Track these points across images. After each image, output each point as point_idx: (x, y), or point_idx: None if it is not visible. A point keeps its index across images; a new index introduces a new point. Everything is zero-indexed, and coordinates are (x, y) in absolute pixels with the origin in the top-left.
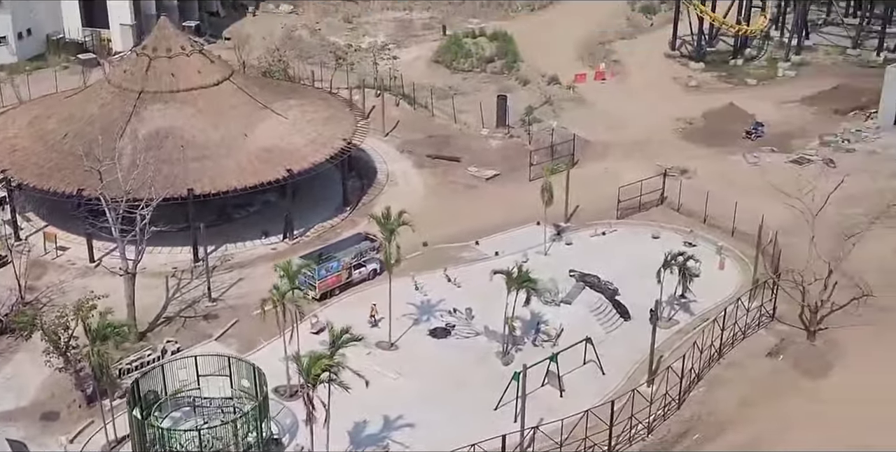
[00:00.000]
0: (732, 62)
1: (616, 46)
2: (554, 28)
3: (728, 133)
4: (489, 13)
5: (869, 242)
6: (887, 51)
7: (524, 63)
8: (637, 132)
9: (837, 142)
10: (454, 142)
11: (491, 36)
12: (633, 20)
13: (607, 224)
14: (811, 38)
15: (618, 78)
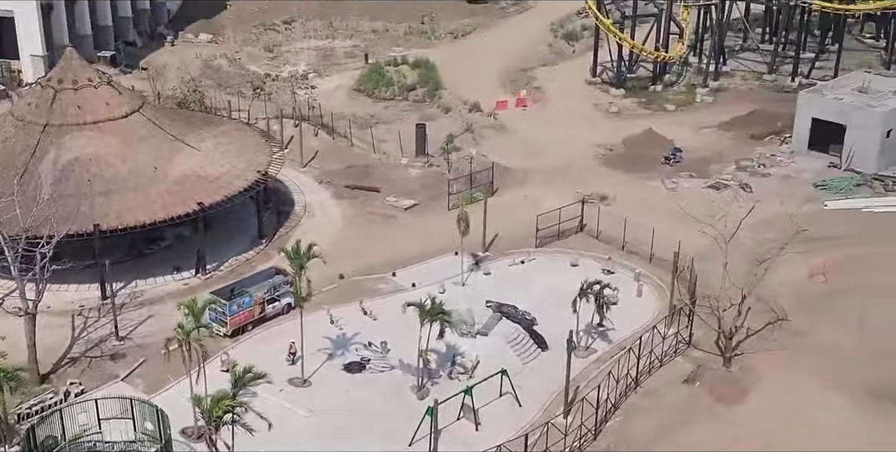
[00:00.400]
0: (652, 88)
1: (538, 73)
2: (477, 55)
3: (647, 159)
4: (412, 41)
5: (783, 267)
6: (802, 76)
7: (446, 90)
8: (557, 159)
9: (753, 166)
10: (373, 171)
11: (413, 64)
12: (556, 47)
13: (526, 252)
14: (729, 63)
15: (539, 104)
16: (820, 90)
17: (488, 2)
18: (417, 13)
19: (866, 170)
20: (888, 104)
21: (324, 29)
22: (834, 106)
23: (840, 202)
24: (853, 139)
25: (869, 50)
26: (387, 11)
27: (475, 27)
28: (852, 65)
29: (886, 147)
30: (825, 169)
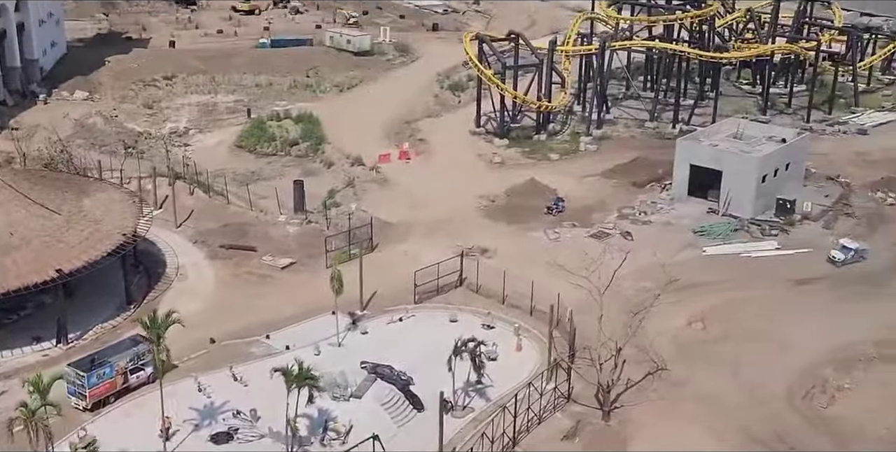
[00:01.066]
0: (536, 137)
1: (422, 125)
2: (362, 108)
3: (530, 209)
4: (297, 95)
5: (662, 315)
6: (682, 123)
7: (329, 145)
8: (439, 211)
9: (635, 214)
10: (251, 230)
11: (296, 118)
12: (441, 98)
13: (404, 309)
14: (612, 111)
15: (423, 156)
16: (697, 137)
17: (374, 54)
18: (302, 67)
19: (743, 215)
20: (762, 150)
21: (206, 84)
22: (710, 153)
23: (718, 247)
24: (730, 185)
25: (746, 96)
26: (271, 65)
27: (361, 79)
28: (730, 110)
29: (761, 192)
30: (704, 214)
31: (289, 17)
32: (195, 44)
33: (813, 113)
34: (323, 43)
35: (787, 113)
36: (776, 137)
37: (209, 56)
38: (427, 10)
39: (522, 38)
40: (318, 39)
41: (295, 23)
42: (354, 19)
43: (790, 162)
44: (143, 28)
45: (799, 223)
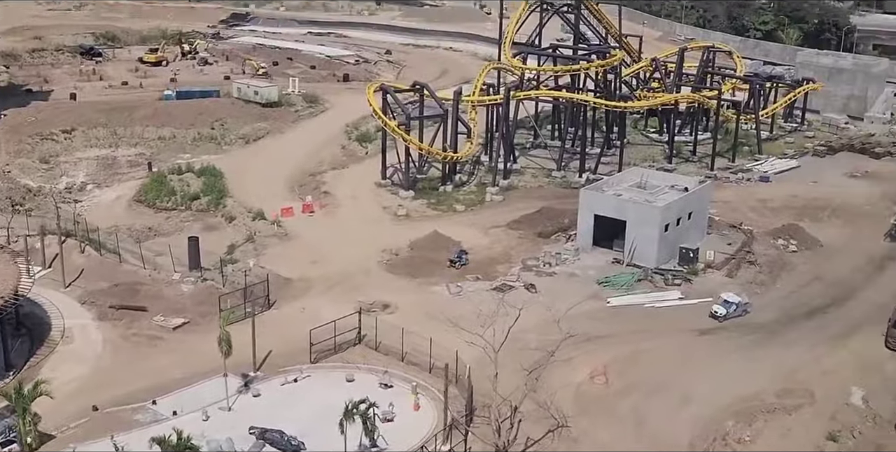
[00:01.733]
0: (442, 188)
1: (328, 177)
2: (267, 160)
3: (433, 262)
4: (201, 147)
5: (565, 369)
6: (589, 172)
7: (232, 198)
8: (341, 266)
9: (539, 266)
10: (143, 289)
11: (199, 171)
12: (349, 149)
13: (299, 370)
14: (520, 161)
15: (327, 210)
16: (600, 187)
17: (282, 105)
18: (207, 119)
19: (648, 265)
20: (665, 199)
21: (107, 137)
22: (613, 202)
23: (622, 298)
24: (634, 234)
25: (653, 144)
26: (175, 117)
27: (268, 131)
28: (638, 159)
29: (665, 241)
30: (609, 264)
31: (197, 68)
32: (98, 96)
33: (717, 161)
34: (231, 94)
35: (693, 161)
36: (679, 186)
37: (111, 108)
38: (339, 61)
39: (427, 88)
40: (225, 91)
41: (203, 74)
42: (264, 70)
43: (693, 210)
44: (44, 80)
45: (702, 272)
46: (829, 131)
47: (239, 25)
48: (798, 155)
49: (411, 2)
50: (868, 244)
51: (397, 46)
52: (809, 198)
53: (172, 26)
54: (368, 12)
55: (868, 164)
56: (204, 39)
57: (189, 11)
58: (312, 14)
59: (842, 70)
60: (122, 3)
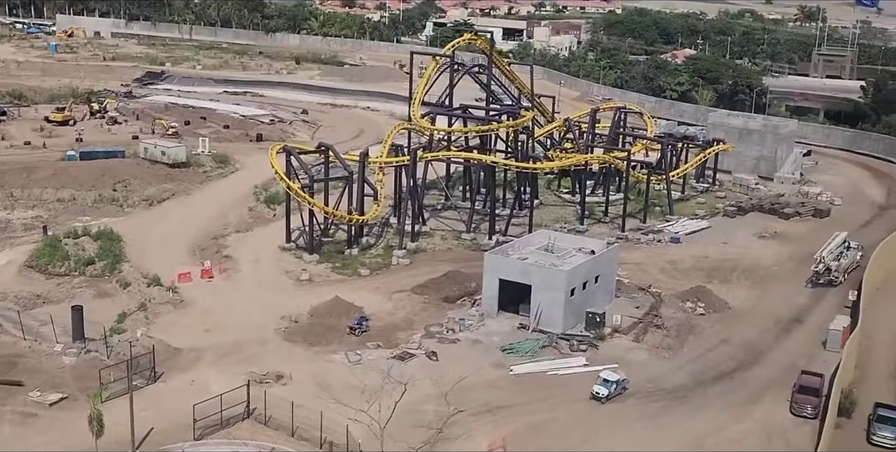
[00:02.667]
0: (348, 252)
1: (231, 240)
2: (170, 223)
3: (333, 330)
4: (102, 210)
5: (463, 440)
6: (499, 234)
7: (129, 263)
8: (236, 335)
9: (442, 332)
10: (21, 361)
11: (96, 235)
12: (256, 211)
13: (180, 448)
14: (430, 223)
15: (227, 275)
16: (505, 250)
17: (190, 166)
18: (110, 180)
19: (554, 330)
20: (571, 262)
21: (2, 199)
22: (518, 266)
23: (526, 366)
24: (539, 299)
25: (566, 204)
26: (76, 179)
27: (174, 193)
28: (550, 220)
29: (571, 305)
30: (515, 330)
31: (105, 128)
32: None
33: (629, 221)
34: (138, 154)
35: (605, 222)
36: (586, 249)
37: (7, 170)
38: (253, 121)
39: (332, 149)
40: (133, 151)
41: (111, 134)
42: (174, 130)
43: (600, 273)
44: None
45: (609, 337)
46: (740, 191)
47: (153, 84)
48: (709, 215)
49: (331, 61)
50: (776, 306)
51: (315, 106)
52: (719, 260)
53: (84, 85)
54: (287, 71)
55: (777, 225)
56: (115, 98)
57: (104, 69)
58: (230, 73)
59: (752, 131)
60: (33, 60)
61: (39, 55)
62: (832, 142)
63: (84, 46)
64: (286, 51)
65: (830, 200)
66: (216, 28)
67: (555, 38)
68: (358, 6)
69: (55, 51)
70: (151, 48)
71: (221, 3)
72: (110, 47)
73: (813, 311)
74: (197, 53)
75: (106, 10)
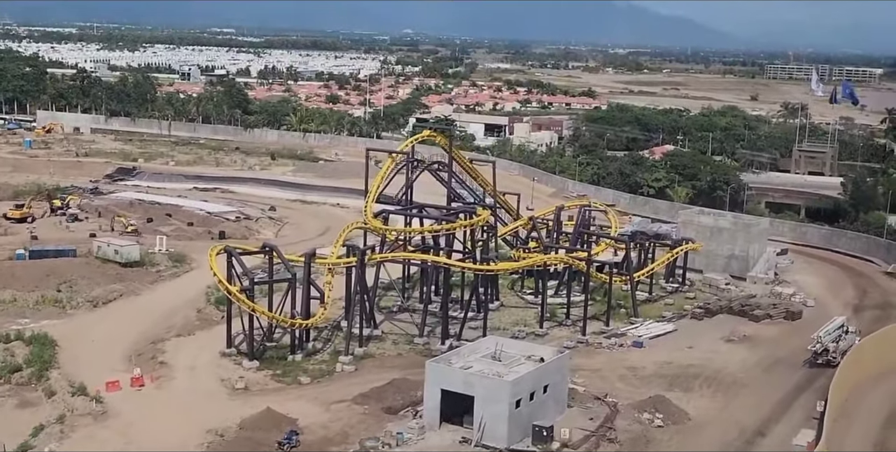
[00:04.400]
0: (291, 358)
1: (171, 345)
2: (112, 325)
3: (261, 445)
4: (43, 311)
5: None
6: (453, 338)
7: (58, 370)
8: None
9: (378, 447)
10: None
11: (28, 339)
12: (205, 313)
13: None
14: (383, 326)
15: (159, 383)
16: (448, 358)
17: (144, 265)
18: (55, 280)
19: (498, 445)
20: (518, 371)
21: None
22: (460, 376)
23: None
24: (483, 410)
25: (528, 306)
26: (19, 279)
27: (122, 293)
28: (508, 323)
29: (517, 418)
30: (457, 444)
31: (64, 225)
32: None
33: (593, 324)
34: (91, 253)
35: (566, 325)
36: (535, 356)
37: None
38: (218, 218)
39: (276, 250)
40: (87, 249)
41: (70, 231)
42: (133, 227)
43: (549, 383)
44: None
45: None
46: (710, 292)
47: (124, 180)
48: (676, 317)
49: (307, 157)
50: (739, 416)
51: (284, 202)
52: (683, 366)
53: (52, 181)
54: (261, 167)
55: (746, 328)
56: (80, 194)
57: (74, 165)
58: (202, 169)
59: (722, 229)
60: (4, 156)
61: (12, 151)
62: (809, 239)
63: (59, 142)
64: (264, 146)
65: (803, 301)
66: (195, 124)
67: (535, 134)
68: (342, 102)
69: (29, 147)
70: (127, 144)
71: (204, 99)
72: (85, 143)
73: (779, 422)
74: (173, 149)
75: (88, 106)
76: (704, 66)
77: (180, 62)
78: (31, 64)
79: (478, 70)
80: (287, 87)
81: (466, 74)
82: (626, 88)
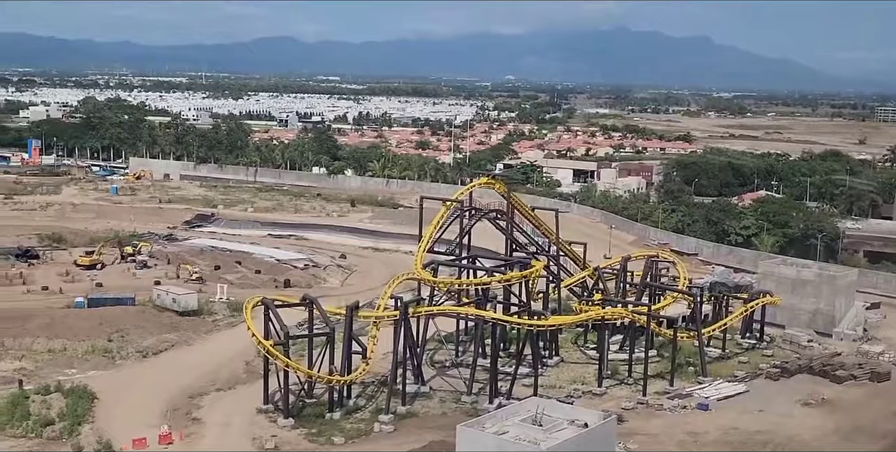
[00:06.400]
0: (329, 416)
1: (209, 399)
2: (158, 377)
3: None
4: (92, 361)
5: None
6: (502, 396)
7: (91, 425)
8: None
9: None
10: None
11: (67, 391)
12: (253, 365)
13: None
14: (434, 382)
15: (188, 440)
16: (482, 422)
17: (202, 314)
18: (107, 329)
19: None
20: (557, 437)
21: None
22: (493, 442)
23: None
24: None
25: (590, 362)
26: (70, 328)
27: (174, 343)
28: (565, 380)
29: None
30: None
31: (131, 272)
32: (10, 302)
33: (656, 383)
34: (152, 301)
35: (628, 383)
36: (579, 421)
37: (4, 317)
38: (287, 265)
39: (315, 303)
40: (147, 297)
41: (136, 278)
42: (198, 275)
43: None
44: None
45: None
46: (791, 349)
47: (201, 226)
48: (749, 377)
49: (386, 203)
50: None
51: (356, 249)
52: (750, 432)
53: (131, 227)
54: (339, 214)
55: (826, 390)
56: (152, 241)
57: (155, 212)
58: (280, 215)
59: (805, 281)
60: (89, 203)
61: (98, 197)
62: None
63: (146, 189)
64: (345, 193)
65: (893, 361)
66: (280, 170)
67: (623, 180)
68: (432, 148)
69: (116, 193)
70: (211, 190)
71: (292, 146)
72: (171, 189)
73: None
74: (255, 195)
75: (181, 153)
76: (812, 109)
77: (280, 109)
78: (130, 112)
79: (575, 115)
80: (380, 133)
81: (563, 120)
82: (726, 132)
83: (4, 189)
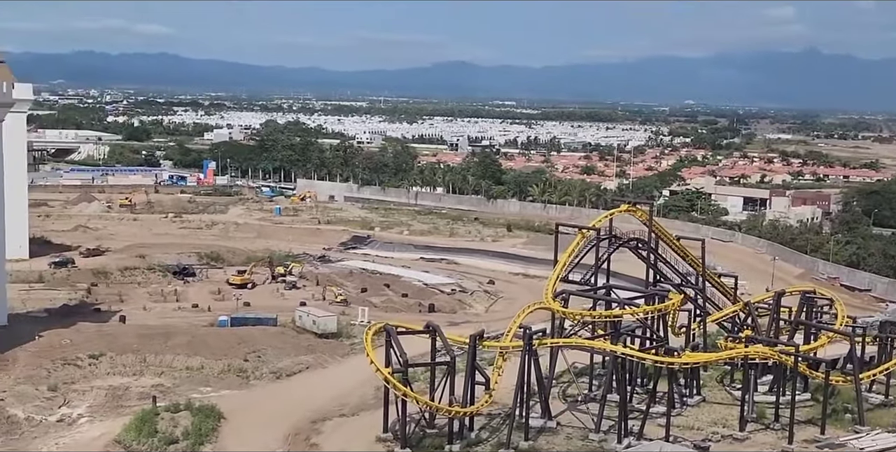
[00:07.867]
0: (448, 448)
1: (331, 425)
2: (288, 399)
3: None
4: (226, 380)
5: None
6: (632, 437)
7: (213, 445)
8: None
9: None
10: None
11: (196, 409)
12: (381, 391)
13: None
14: (563, 416)
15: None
16: None
17: (340, 337)
18: (244, 349)
19: None
20: None
21: (134, 364)
22: None
23: None
24: None
25: (734, 403)
26: (209, 346)
27: (308, 366)
28: (706, 422)
29: None
30: None
31: (279, 292)
32: (156, 319)
33: (807, 430)
34: (293, 322)
35: (774, 429)
36: None
37: (150, 334)
38: (434, 290)
39: (438, 331)
40: (289, 318)
41: (283, 299)
42: (342, 297)
43: None
44: (120, 299)
45: None
46: None
47: (356, 248)
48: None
49: (543, 229)
50: None
51: (506, 275)
52: None
53: (287, 248)
54: (493, 239)
55: None
56: (305, 262)
57: (313, 233)
58: (434, 238)
59: None
60: (251, 223)
61: (261, 217)
62: None
63: (309, 210)
64: (503, 217)
65: None
66: (441, 194)
67: (795, 209)
68: (597, 173)
69: (279, 213)
70: (372, 212)
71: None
72: (332, 210)
73: None
74: (413, 218)
75: (348, 175)
76: None
77: (453, 133)
78: (302, 135)
79: (755, 141)
80: (546, 158)
81: (741, 146)
82: None
83: (177, 208)
